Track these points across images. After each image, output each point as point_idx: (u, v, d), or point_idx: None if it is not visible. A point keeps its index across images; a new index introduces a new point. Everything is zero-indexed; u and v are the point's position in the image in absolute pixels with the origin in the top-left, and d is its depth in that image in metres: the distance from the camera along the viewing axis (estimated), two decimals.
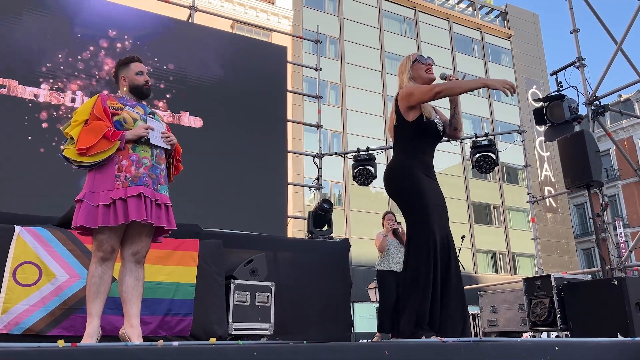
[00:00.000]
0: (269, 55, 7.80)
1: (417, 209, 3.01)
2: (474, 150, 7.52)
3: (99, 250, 2.77)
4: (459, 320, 2.89)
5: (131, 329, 2.76)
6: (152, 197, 2.81)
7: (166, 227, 2.88)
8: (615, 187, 30.44)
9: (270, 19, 23.51)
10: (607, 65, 6.77)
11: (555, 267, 25.22)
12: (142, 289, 2.89)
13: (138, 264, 2.89)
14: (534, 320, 5.20)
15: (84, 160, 2.76)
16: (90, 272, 2.77)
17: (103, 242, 2.77)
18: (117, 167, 2.80)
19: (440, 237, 2.95)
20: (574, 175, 5.65)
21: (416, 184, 3.03)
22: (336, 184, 23.39)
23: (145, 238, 2.89)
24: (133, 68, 3.06)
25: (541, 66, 30.99)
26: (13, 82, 5.82)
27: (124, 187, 2.76)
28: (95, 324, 2.69)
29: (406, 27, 28.39)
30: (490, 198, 27.27)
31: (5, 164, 5.46)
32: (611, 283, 4.48)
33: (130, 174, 2.80)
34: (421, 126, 3.10)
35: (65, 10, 6.31)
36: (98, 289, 2.74)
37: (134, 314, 2.80)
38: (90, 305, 2.73)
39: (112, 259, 2.83)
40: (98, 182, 2.78)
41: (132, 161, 2.83)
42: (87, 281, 2.77)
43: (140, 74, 3.06)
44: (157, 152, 2.97)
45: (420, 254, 2.92)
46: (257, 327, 4.46)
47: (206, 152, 6.63)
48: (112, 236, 2.78)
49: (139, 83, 3.04)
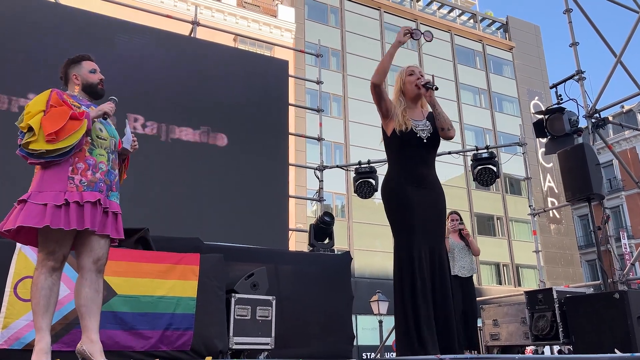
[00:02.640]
0: (271, 69, 7.85)
1: (398, 225, 3.03)
2: (474, 162, 7.53)
3: (50, 259, 2.57)
4: (445, 337, 2.88)
5: (91, 344, 2.60)
6: (104, 204, 2.66)
7: (112, 236, 2.70)
8: (619, 198, 30.35)
9: (272, 32, 23.69)
10: (607, 77, 6.80)
11: (560, 278, 25.09)
12: (101, 301, 2.72)
13: (99, 273, 2.70)
14: (536, 334, 5.17)
15: (58, 147, 2.52)
16: (39, 283, 2.55)
17: (55, 250, 2.57)
18: (72, 168, 2.60)
19: (424, 254, 2.93)
20: (574, 188, 5.65)
21: (398, 199, 3.04)
22: (339, 196, 23.39)
23: (104, 245, 2.71)
24: (85, 66, 2.88)
25: (543, 78, 31.07)
26: (12, 97, 5.86)
27: (78, 190, 2.57)
28: (48, 340, 2.54)
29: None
30: (493, 209, 27.21)
31: (5, 178, 5.50)
32: (613, 297, 4.47)
33: (87, 178, 2.63)
34: (401, 138, 3.09)
35: (64, 24, 6.37)
36: (48, 301, 2.56)
37: (93, 328, 2.62)
38: (40, 319, 2.54)
39: (61, 269, 2.65)
40: (47, 182, 2.57)
41: (89, 165, 2.66)
42: (35, 294, 2.54)
43: (93, 72, 2.88)
44: (113, 157, 2.83)
45: (397, 271, 2.95)
46: (258, 342, 4.45)
47: (207, 165, 6.66)
48: (64, 244, 2.60)
49: (93, 81, 2.86)
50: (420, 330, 2.79)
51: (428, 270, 2.93)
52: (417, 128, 3.12)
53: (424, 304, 2.84)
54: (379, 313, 15.09)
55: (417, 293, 2.86)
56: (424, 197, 3.05)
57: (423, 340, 2.77)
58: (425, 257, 2.94)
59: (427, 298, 2.87)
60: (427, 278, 2.91)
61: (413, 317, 2.85)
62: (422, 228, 2.98)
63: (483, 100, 29.41)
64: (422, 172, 3.11)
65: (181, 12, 20.25)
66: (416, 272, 2.89)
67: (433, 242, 3.00)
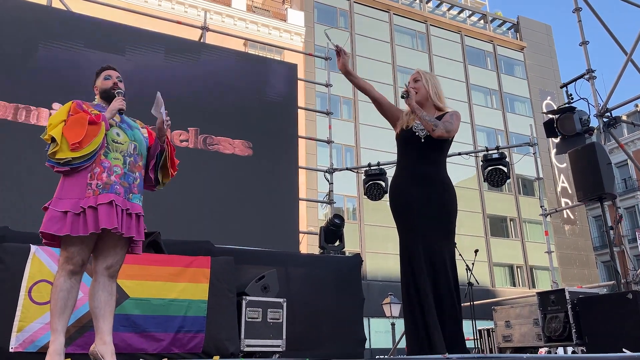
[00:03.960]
0: (281, 72, 7.90)
1: (399, 225, 3.12)
2: (485, 163, 7.50)
3: (69, 263, 2.64)
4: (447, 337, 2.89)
5: (104, 346, 2.66)
6: (122, 205, 2.71)
7: (135, 238, 2.78)
8: (634, 197, 29.95)
9: (282, 36, 23.81)
10: (618, 76, 6.74)
11: (575, 280, 24.81)
12: (115, 304, 2.79)
13: (111, 278, 2.77)
14: (548, 335, 5.13)
15: (83, 153, 2.64)
16: (58, 285, 2.62)
17: (74, 255, 2.64)
18: (90, 175, 2.69)
19: (423, 253, 2.97)
20: (585, 188, 5.60)
21: (397, 199, 3.16)
22: (350, 198, 23.39)
23: (120, 251, 2.78)
24: (102, 75, 3.05)
25: (555, 77, 30.81)
26: (21, 105, 5.97)
27: (94, 195, 2.65)
28: (62, 341, 2.59)
29: (418, 41, 28.51)
30: (506, 210, 27.00)
31: (19, 184, 5.59)
32: (626, 297, 4.43)
33: (102, 181, 2.70)
34: (402, 137, 3.25)
35: (80, 33, 6.48)
36: (65, 303, 2.61)
37: (106, 330, 2.68)
38: (57, 321, 2.59)
39: (81, 273, 2.71)
40: (67, 189, 2.66)
41: (104, 167, 2.73)
42: (54, 295, 2.62)
43: (108, 78, 3.02)
44: (131, 160, 2.88)
45: (401, 270, 3.04)
46: (269, 344, 4.47)
47: (217, 169, 6.71)
48: (83, 249, 2.66)
49: (107, 86, 3.00)
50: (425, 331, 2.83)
51: (429, 269, 2.94)
52: (417, 127, 3.18)
53: (418, 306, 2.89)
54: (392, 315, 15.05)
55: (411, 292, 2.94)
56: (425, 196, 3.06)
57: (429, 340, 2.79)
58: (425, 256, 2.95)
59: (425, 297, 2.88)
60: (426, 277, 2.92)
61: (410, 317, 2.94)
62: (422, 227, 3.00)
63: (494, 101, 29.25)
64: (423, 171, 3.13)
65: (192, 17, 20.43)
66: (415, 272, 2.93)
67: (434, 240, 3.01)
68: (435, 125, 3.03)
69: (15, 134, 5.86)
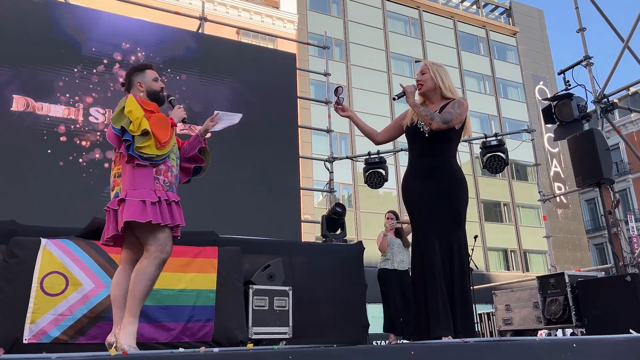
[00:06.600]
0: (278, 62, 7.90)
1: (411, 219, 3.21)
2: (483, 150, 7.55)
3: (163, 252, 2.69)
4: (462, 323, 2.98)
5: (119, 332, 2.66)
6: None
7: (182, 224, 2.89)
8: (626, 181, 30.25)
9: (275, 24, 23.64)
10: (615, 62, 6.81)
11: (568, 263, 25.11)
12: None
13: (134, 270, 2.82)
14: (549, 318, 5.25)
15: (164, 152, 2.78)
16: (148, 273, 2.65)
17: (167, 242, 2.70)
18: (156, 170, 2.78)
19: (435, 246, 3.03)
20: (584, 174, 5.70)
21: (405, 194, 3.25)
22: (345, 186, 23.46)
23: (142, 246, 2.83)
24: (149, 74, 3.06)
25: (547, 62, 30.89)
26: (30, 99, 5.96)
27: (164, 190, 2.77)
28: (137, 326, 2.65)
29: (411, 27, 28.43)
30: (500, 195, 27.20)
31: (28, 178, 5.60)
32: (625, 280, 4.53)
33: (168, 178, 2.84)
34: (407, 132, 3.33)
35: (80, 25, 6.45)
36: (149, 292, 2.70)
37: (124, 319, 2.69)
38: (138, 305, 2.65)
39: None
40: (139, 179, 2.73)
41: (168, 167, 2.86)
42: (141, 282, 2.65)
43: (156, 80, 3.07)
44: (178, 160, 3.05)
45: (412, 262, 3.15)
46: (276, 331, 4.55)
47: (219, 160, 6.73)
48: (170, 237, 2.74)
49: (157, 89, 3.05)
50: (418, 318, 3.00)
51: (441, 261, 3.00)
52: (421, 123, 3.22)
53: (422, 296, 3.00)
54: None
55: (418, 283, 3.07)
56: (431, 189, 3.11)
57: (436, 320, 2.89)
58: (437, 249, 3.01)
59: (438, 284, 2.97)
60: (440, 269, 2.98)
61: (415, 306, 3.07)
62: (430, 220, 3.06)
63: (487, 87, 29.30)
64: (428, 163, 3.17)
65: (184, 6, 20.24)
66: (425, 266, 3.00)
67: (444, 232, 3.06)
68: (431, 119, 3.07)
69: (20, 127, 5.86)
